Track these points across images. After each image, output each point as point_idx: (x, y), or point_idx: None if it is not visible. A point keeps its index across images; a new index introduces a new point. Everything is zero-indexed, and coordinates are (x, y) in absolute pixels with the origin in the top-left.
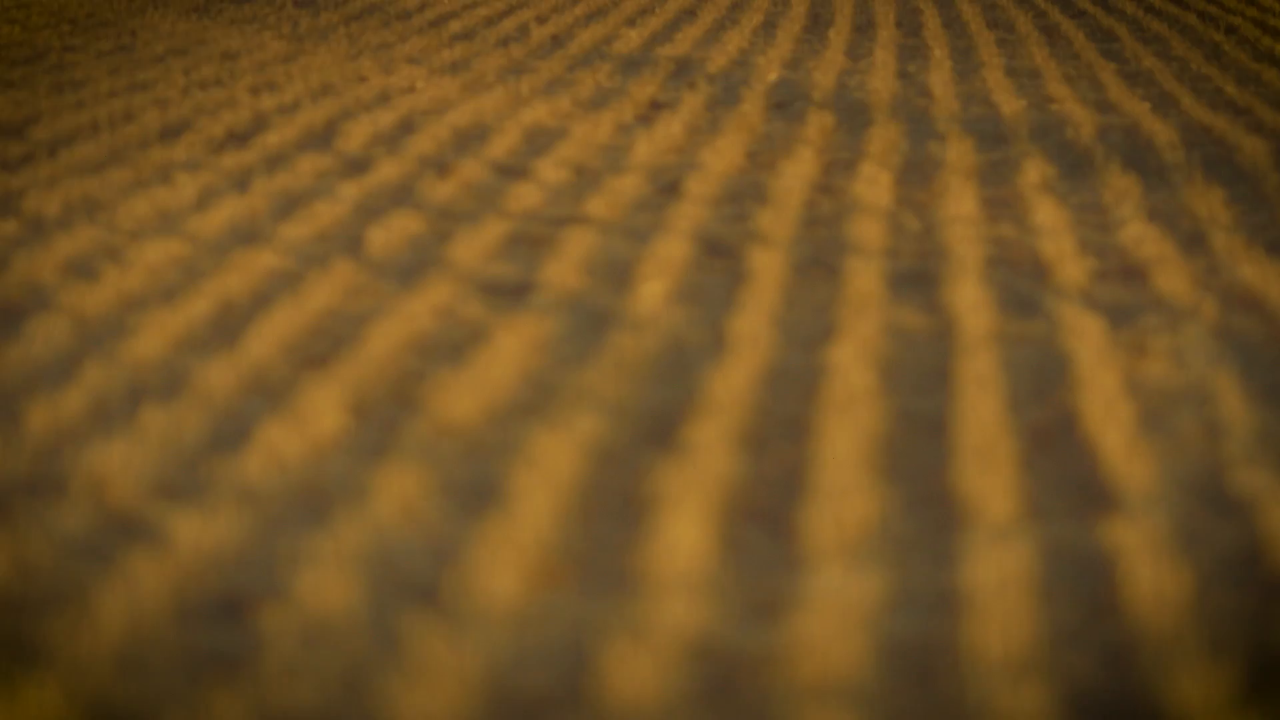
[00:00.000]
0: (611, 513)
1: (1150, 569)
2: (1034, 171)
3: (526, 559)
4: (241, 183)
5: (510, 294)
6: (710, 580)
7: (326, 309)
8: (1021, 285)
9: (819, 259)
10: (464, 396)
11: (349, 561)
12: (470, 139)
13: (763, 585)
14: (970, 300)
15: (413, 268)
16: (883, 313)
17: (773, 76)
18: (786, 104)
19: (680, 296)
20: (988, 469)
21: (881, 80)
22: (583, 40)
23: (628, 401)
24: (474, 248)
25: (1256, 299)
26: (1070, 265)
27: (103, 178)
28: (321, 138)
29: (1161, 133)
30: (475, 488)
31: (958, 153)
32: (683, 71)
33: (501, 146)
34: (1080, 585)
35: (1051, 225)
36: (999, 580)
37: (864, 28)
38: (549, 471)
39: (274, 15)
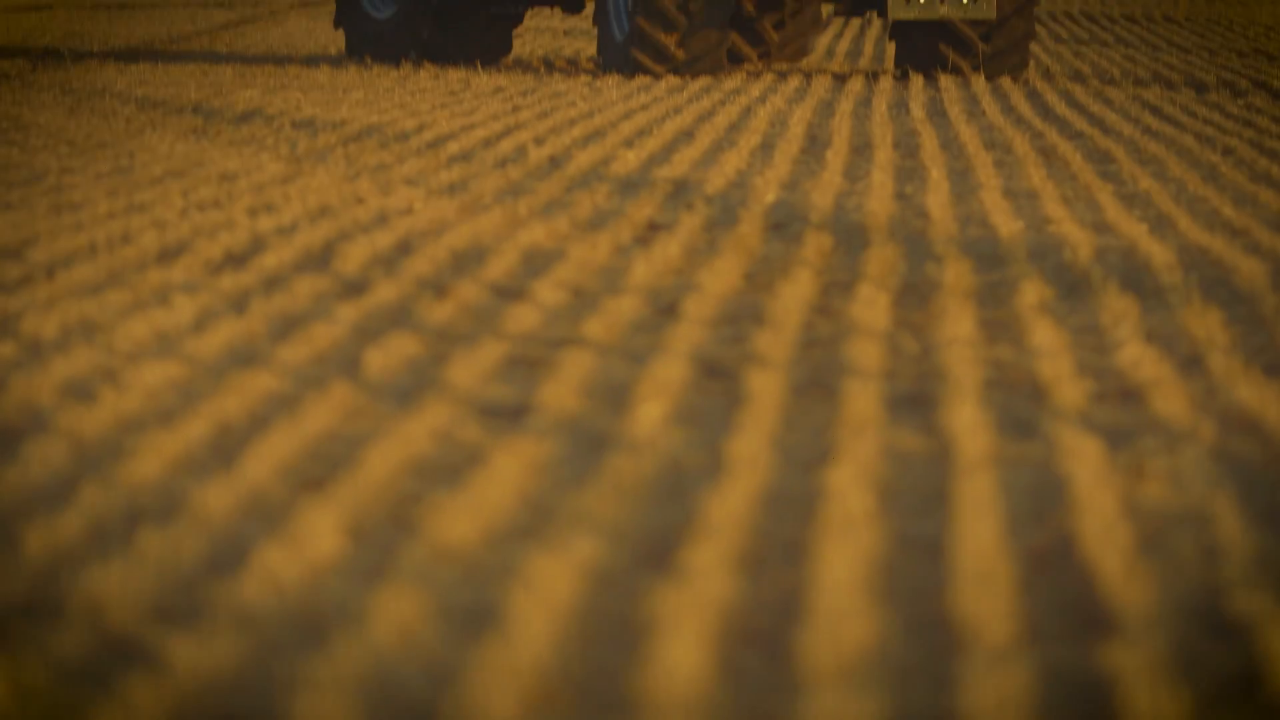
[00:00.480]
0: (609, 636)
1: (1149, 693)
2: (1032, 293)
3: (524, 683)
4: (239, 304)
5: (508, 416)
6: (708, 704)
7: (324, 431)
8: (1019, 407)
9: (817, 381)
10: (461, 519)
11: (346, 686)
12: (468, 260)
13: (761, 709)
14: (968, 422)
15: (410, 390)
16: (881, 435)
17: (770, 198)
18: (784, 225)
19: (678, 418)
20: (986, 592)
21: (879, 201)
22: (580, 162)
23: (625, 524)
24: (471, 370)
25: (1255, 421)
26: (1068, 387)
27: (100, 300)
28: (319, 259)
29: (1159, 254)
30: (473, 611)
31: (955, 274)
32: (680, 193)
33: (499, 268)
34: (1079, 709)
35: (1049, 347)
36: (997, 703)
37: (861, 149)
38: (546, 594)
39: (272, 136)
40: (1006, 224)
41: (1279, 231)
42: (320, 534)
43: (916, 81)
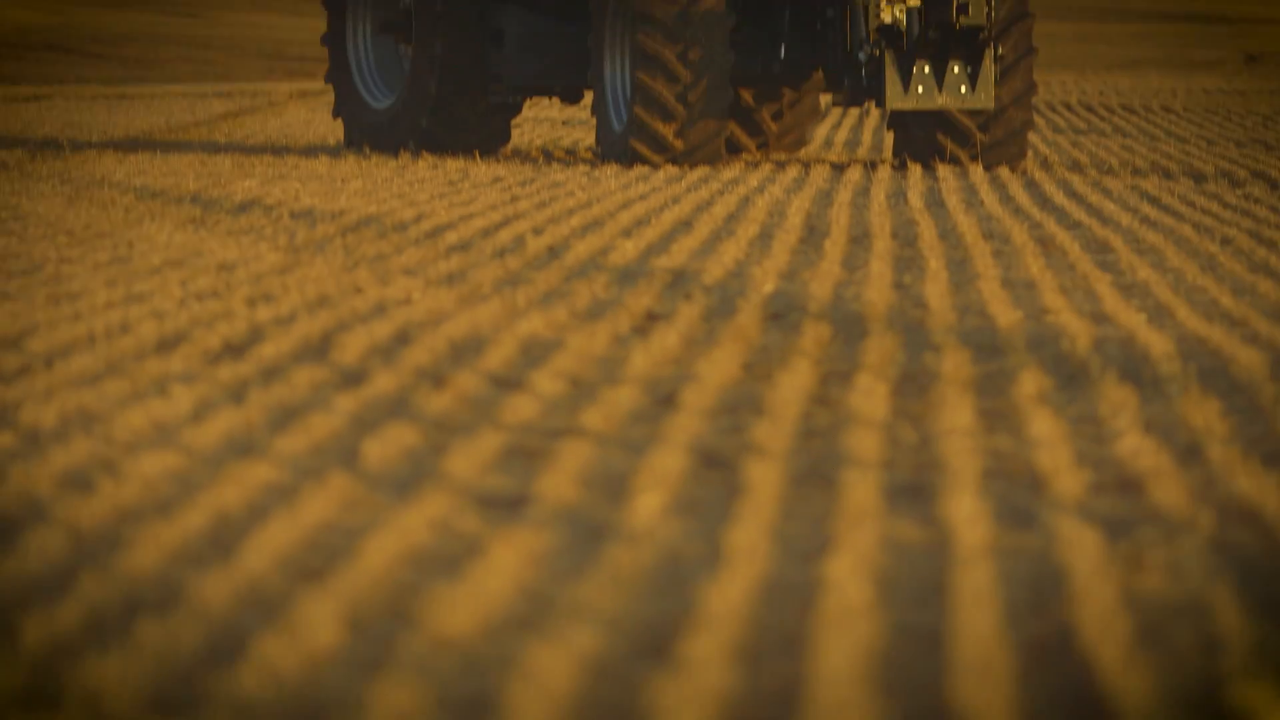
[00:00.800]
0: None
1: None
2: (1030, 383)
3: None
4: (237, 395)
5: (506, 507)
6: None
7: (322, 521)
8: (1018, 497)
9: (816, 471)
10: (460, 610)
11: None
12: (466, 350)
13: None
14: (967, 513)
15: (409, 480)
16: (879, 525)
17: (769, 288)
18: (782, 315)
19: (677, 509)
20: (985, 682)
21: (877, 291)
22: (579, 251)
23: (624, 614)
24: (470, 460)
25: (1254, 511)
26: (1067, 477)
27: (99, 390)
28: (317, 349)
29: (1157, 344)
30: (471, 702)
31: (954, 364)
32: (679, 283)
33: (498, 358)
34: None
35: (1048, 437)
36: None
37: (860, 238)
38: (545, 685)
39: (270, 227)
40: (1005, 314)
41: (1277, 321)
42: (319, 624)
43: (915, 171)
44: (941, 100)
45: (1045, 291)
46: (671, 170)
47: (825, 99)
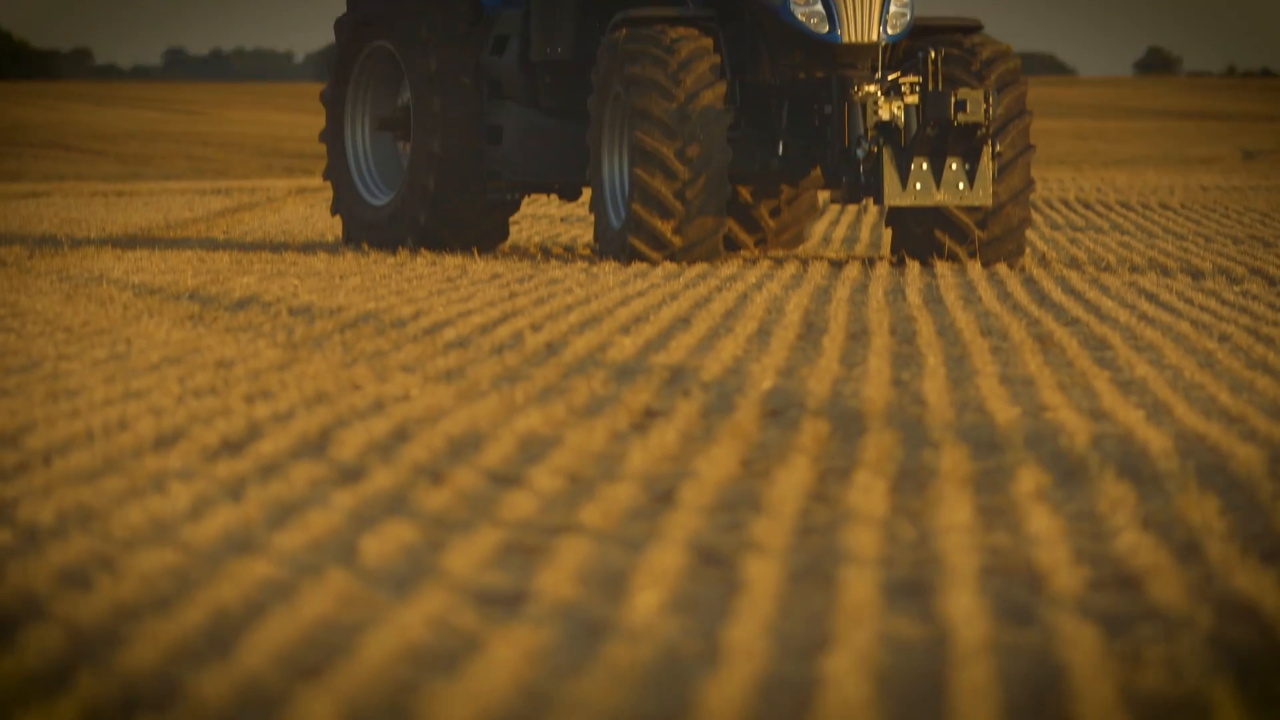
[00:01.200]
0: None
1: None
2: (1028, 480)
3: None
4: (235, 491)
5: (504, 603)
6: None
7: (321, 618)
8: (1016, 594)
9: (814, 568)
10: (458, 707)
11: None
12: (464, 447)
13: None
14: (965, 610)
15: (406, 577)
16: (878, 622)
17: (767, 384)
18: (781, 412)
19: (675, 606)
20: None
21: (876, 388)
22: (577, 348)
23: (622, 712)
24: (468, 557)
25: (1252, 608)
26: (1065, 574)
27: (97, 486)
28: (316, 446)
29: (1156, 441)
30: None
31: (952, 461)
32: (677, 379)
33: (496, 454)
34: None
35: (1046, 534)
36: None
37: (858, 335)
38: None
39: (269, 323)
40: (1003, 410)
41: (1276, 418)
42: None
43: (913, 268)
44: (939, 197)
45: (1043, 388)
46: (670, 267)
47: (823, 196)
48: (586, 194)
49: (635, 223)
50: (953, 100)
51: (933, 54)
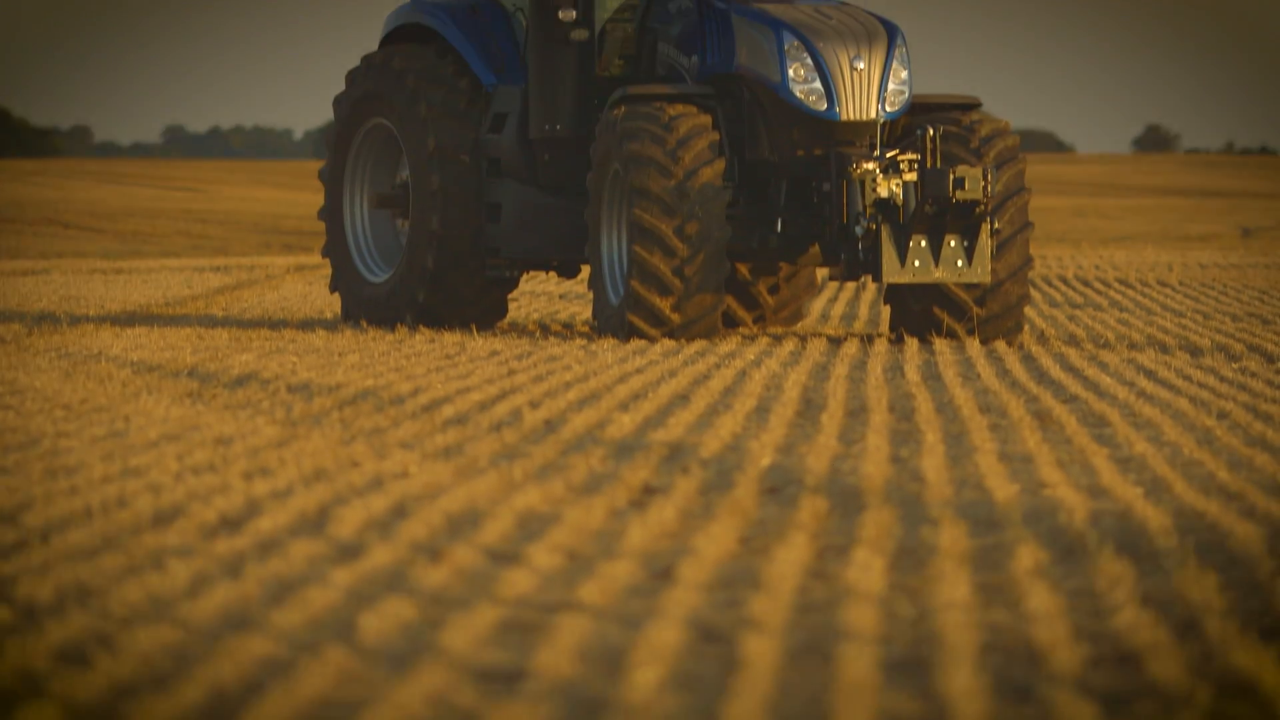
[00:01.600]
0: None
1: None
2: (1027, 557)
3: None
4: (234, 569)
5: (503, 681)
6: None
7: (319, 696)
8: (1016, 672)
9: (813, 645)
10: None
11: None
12: (463, 524)
13: None
14: (964, 687)
15: (405, 654)
16: (876, 700)
17: (766, 461)
18: (780, 489)
19: (674, 683)
20: None
21: (874, 465)
22: (576, 425)
23: None
24: (466, 634)
25: (1251, 685)
26: (1064, 651)
27: (95, 564)
28: (314, 523)
29: (1154, 518)
30: None
31: (951, 538)
32: (676, 456)
33: (494, 532)
34: None
35: (1045, 611)
36: None
37: (857, 412)
38: None
39: (268, 400)
40: (1002, 488)
41: (1275, 495)
42: None
43: (911, 345)
44: (938, 274)
45: (1042, 465)
46: (668, 344)
47: (821, 273)
48: (585, 271)
49: (634, 300)
50: (951, 177)
51: (931, 131)
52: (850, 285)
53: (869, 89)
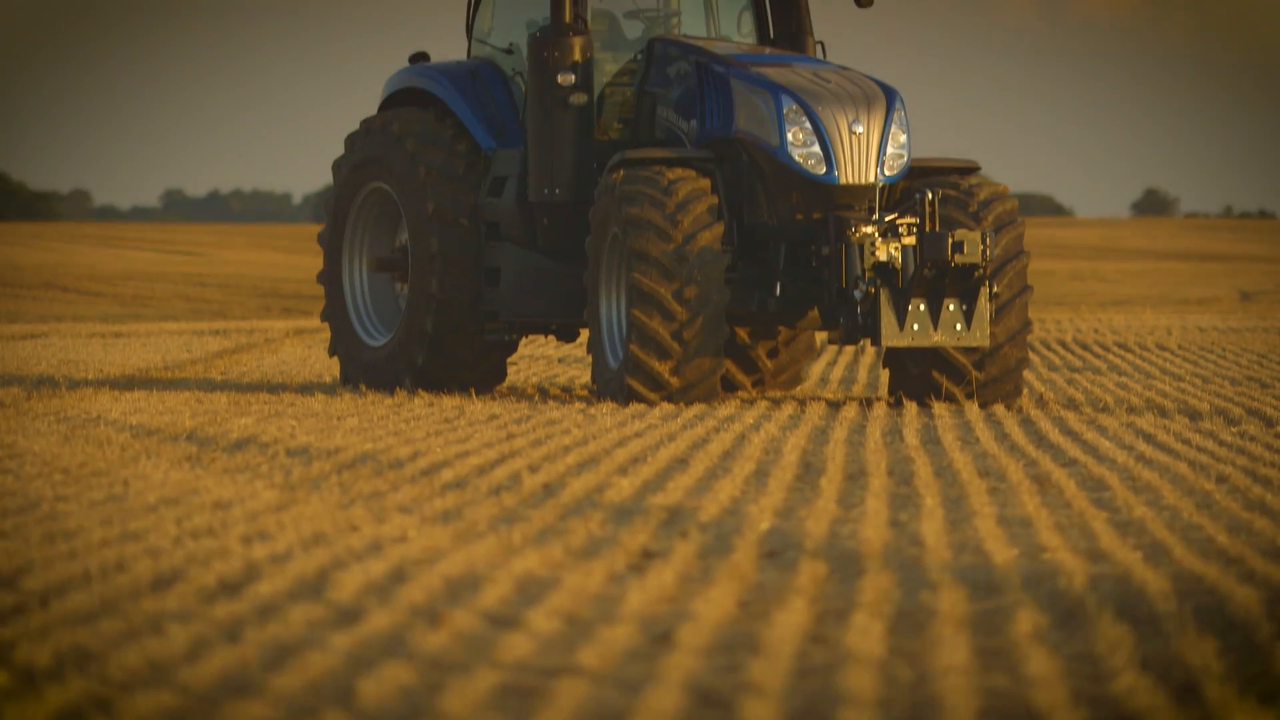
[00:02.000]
0: None
1: None
2: (1026, 621)
3: None
4: (233, 633)
5: None
6: None
7: None
8: None
9: (811, 710)
10: None
11: None
12: (462, 588)
13: None
14: None
15: (404, 719)
16: None
17: (765, 525)
18: (779, 553)
19: None
20: None
21: (873, 529)
22: (575, 489)
23: None
24: (465, 699)
25: None
26: (1064, 716)
27: (94, 628)
28: (313, 587)
29: (1153, 582)
30: None
31: (950, 602)
32: (675, 520)
33: (493, 595)
34: None
35: (1044, 675)
36: None
37: (855, 476)
38: None
39: (266, 464)
40: (1001, 551)
41: (1273, 559)
42: None
43: (910, 409)
44: (937, 338)
45: (1041, 529)
46: (667, 408)
47: (820, 337)
48: (584, 335)
49: (633, 364)
50: (950, 241)
51: (930, 195)
52: (849, 349)
53: (868, 153)
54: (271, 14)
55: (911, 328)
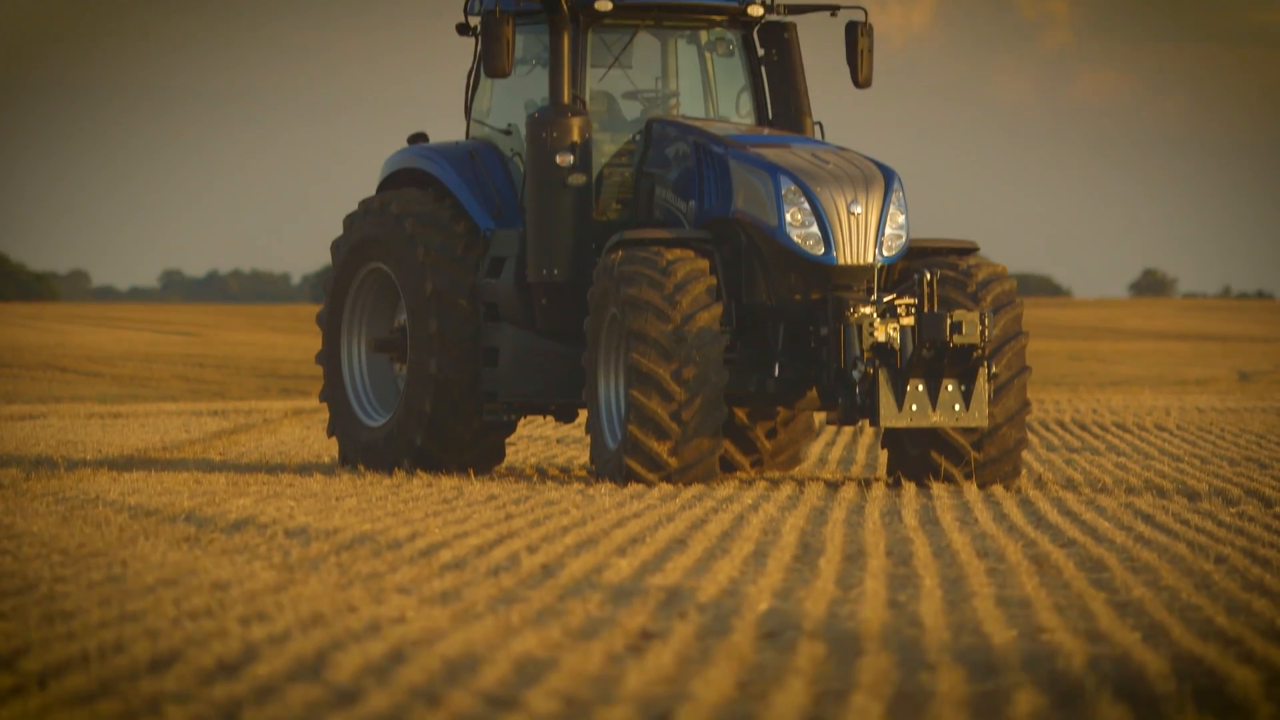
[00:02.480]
0: None
1: None
2: (1025, 702)
3: None
4: (231, 715)
5: None
6: None
7: None
8: None
9: None
10: None
11: None
12: (461, 669)
13: None
14: None
15: None
16: None
17: (763, 606)
18: (777, 633)
19: None
20: None
21: (872, 609)
22: (573, 569)
23: None
24: None
25: None
26: None
27: (92, 710)
28: (312, 668)
29: (1152, 663)
30: None
31: (949, 683)
32: (673, 601)
33: (492, 676)
34: None
35: None
36: None
37: (854, 556)
38: None
39: (265, 545)
40: (1000, 632)
41: (1273, 640)
42: None
43: (909, 489)
44: (935, 418)
45: (1040, 610)
46: (666, 488)
47: (819, 417)
48: (583, 415)
49: (631, 444)
50: (948, 322)
51: (928, 276)
52: (848, 429)
53: (866, 233)
54: (270, 95)
55: (910, 408)
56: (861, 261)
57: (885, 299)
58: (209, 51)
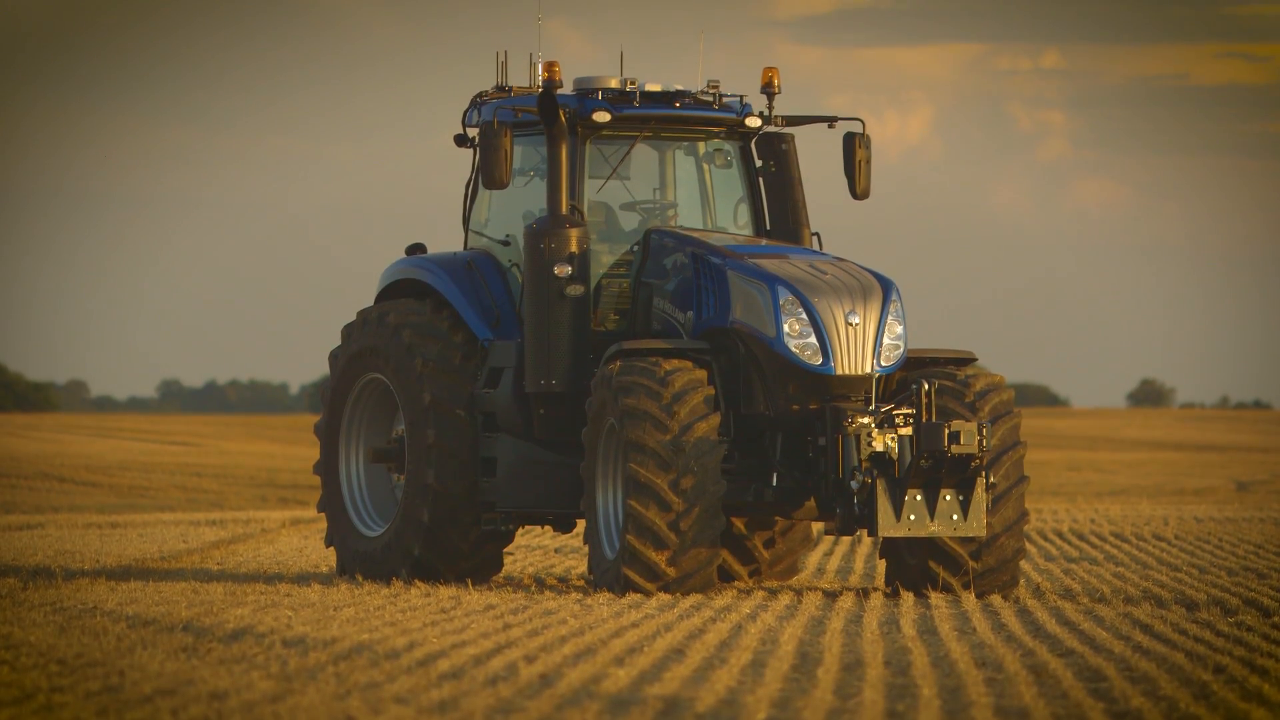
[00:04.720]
0: None
1: None
2: None
3: None
4: None
5: None
6: None
7: None
8: None
9: None
10: None
11: None
12: None
13: None
14: None
15: None
16: None
17: (761, 716)
18: None
19: None
20: None
21: (871, 719)
22: (571, 679)
23: None
24: None
25: None
26: None
27: None
28: None
29: None
30: None
31: None
32: (671, 711)
33: None
34: None
35: None
36: None
37: (852, 666)
38: None
39: (263, 654)
40: None
41: None
42: None
43: (907, 599)
44: (933, 528)
45: None
46: (664, 598)
47: (817, 527)
48: (581, 525)
49: (629, 554)
50: (946, 432)
51: (926, 386)
52: (846, 539)
53: (864, 344)
54: (266, 207)
55: (908, 518)
56: (859, 372)
57: (883, 409)
58: (206, 162)
